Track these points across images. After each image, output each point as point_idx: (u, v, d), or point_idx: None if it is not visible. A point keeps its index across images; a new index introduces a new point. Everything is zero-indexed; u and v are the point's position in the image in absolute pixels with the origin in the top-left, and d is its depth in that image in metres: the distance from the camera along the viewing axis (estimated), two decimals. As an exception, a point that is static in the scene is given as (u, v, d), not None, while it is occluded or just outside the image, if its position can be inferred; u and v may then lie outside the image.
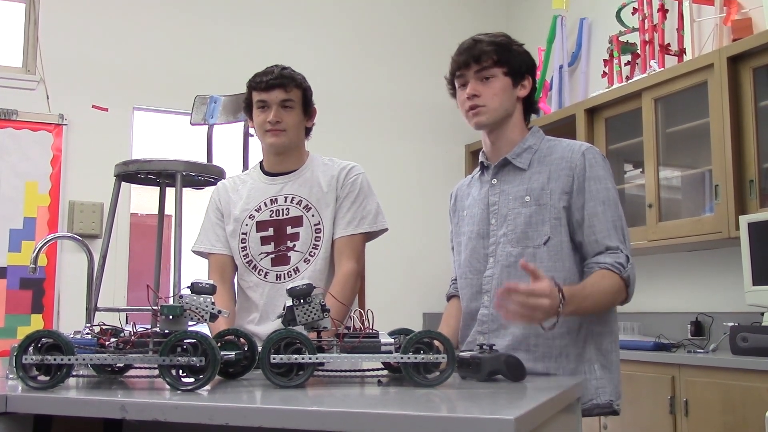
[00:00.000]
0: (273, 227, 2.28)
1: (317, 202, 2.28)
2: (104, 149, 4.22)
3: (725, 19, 3.60)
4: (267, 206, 2.31)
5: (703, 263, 3.77)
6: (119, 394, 1.32)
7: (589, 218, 1.82)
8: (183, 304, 1.41)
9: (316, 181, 2.30)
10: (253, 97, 2.28)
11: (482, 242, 1.93)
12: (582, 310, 1.72)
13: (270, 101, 2.24)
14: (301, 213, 2.28)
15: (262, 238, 2.28)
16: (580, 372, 1.81)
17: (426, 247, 4.98)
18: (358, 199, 2.29)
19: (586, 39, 4.71)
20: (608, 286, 1.76)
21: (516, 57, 1.90)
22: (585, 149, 1.87)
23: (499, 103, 1.88)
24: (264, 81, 2.24)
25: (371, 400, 1.31)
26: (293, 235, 2.26)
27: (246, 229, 2.30)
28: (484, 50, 1.86)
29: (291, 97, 2.25)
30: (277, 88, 2.23)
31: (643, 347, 3.34)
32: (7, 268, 4.03)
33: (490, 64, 1.87)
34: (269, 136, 2.26)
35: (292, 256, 2.26)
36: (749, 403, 2.74)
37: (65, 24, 4.35)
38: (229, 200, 2.36)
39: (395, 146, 5.09)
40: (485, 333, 1.87)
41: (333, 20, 5.06)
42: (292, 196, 2.30)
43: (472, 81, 1.88)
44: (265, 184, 2.34)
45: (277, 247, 2.27)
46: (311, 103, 2.33)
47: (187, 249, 2.51)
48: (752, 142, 3.22)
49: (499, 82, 1.88)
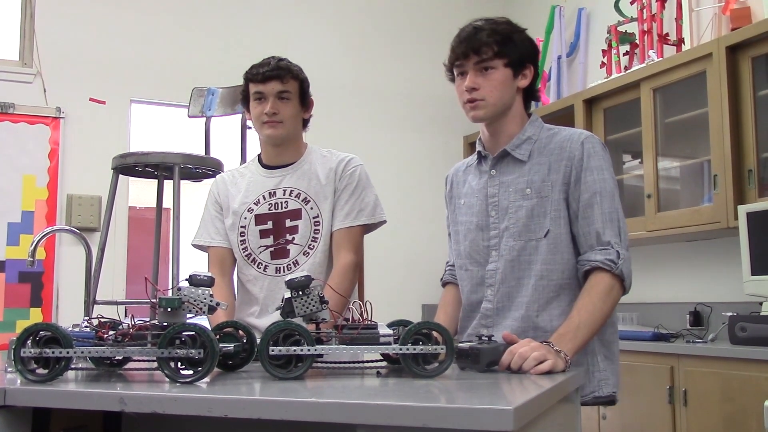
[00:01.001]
0: (272, 220, 2.28)
1: (315, 194, 2.28)
2: (102, 142, 4.22)
3: (724, 8, 3.59)
4: (266, 199, 2.30)
5: (702, 253, 3.78)
6: (118, 387, 1.32)
7: (584, 210, 1.80)
8: (181, 297, 1.41)
9: (315, 173, 2.30)
10: (250, 88, 2.27)
11: (482, 234, 1.91)
12: (583, 339, 1.69)
13: (267, 93, 2.23)
14: (300, 206, 2.27)
15: (261, 232, 2.28)
16: (582, 363, 1.80)
17: (424, 239, 4.98)
18: (357, 191, 2.28)
19: (584, 29, 4.70)
20: (598, 297, 1.72)
21: (518, 46, 1.85)
22: (584, 138, 1.85)
23: (499, 97, 1.84)
24: (260, 72, 2.23)
25: (370, 392, 1.31)
26: (292, 228, 2.26)
27: (245, 222, 2.30)
28: (484, 41, 1.81)
29: (288, 89, 2.24)
30: (274, 79, 2.22)
31: (642, 337, 3.35)
32: (6, 261, 4.03)
33: (490, 56, 1.82)
34: (266, 127, 2.25)
35: (291, 249, 2.26)
36: (748, 392, 2.75)
37: (62, 17, 4.34)
38: (228, 193, 2.36)
39: (393, 137, 5.09)
40: (489, 327, 1.87)
41: (331, 11, 5.04)
42: (290, 189, 2.29)
43: (471, 72, 1.83)
44: (264, 177, 2.34)
45: (276, 241, 2.27)
46: (308, 95, 2.33)
47: (186, 242, 2.51)
48: (751, 131, 3.22)
49: (499, 74, 1.83)
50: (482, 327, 1.88)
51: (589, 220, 1.80)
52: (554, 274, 1.81)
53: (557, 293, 1.81)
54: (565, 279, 1.82)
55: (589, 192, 1.80)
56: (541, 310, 1.81)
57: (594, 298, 1.73)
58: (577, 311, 1.72)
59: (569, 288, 1.82)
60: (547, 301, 1.81)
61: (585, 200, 1.80)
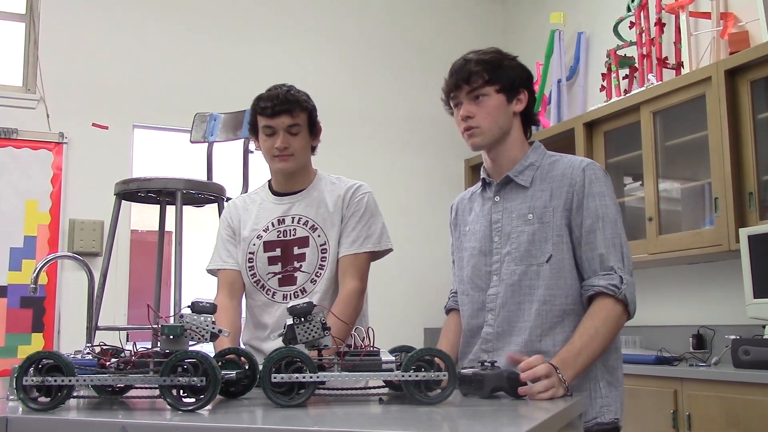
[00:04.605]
0: (280, 247, 2.29)
1: (323, 222, 2.28)
2: (104, 167, 4.24)
3: (722, 32, 3.62)
4: (274, 226, 2.31)
5: (704, 276, 3.77)
6: (120, 415, 1.31)
7: (586, 235, 1.81)
8: (183, 324, 1.41)
9: (323, 200, 2.31)
10: (259, 121, 2.27)
11: (484, 259, 1.92)
12: (584, 365, 1.70)
13: (276, 127, 2.23)
14: (308, 233, 2.28)
15: (269, 258, 2.29)
16: (584, 389, 1.80)
17: (426, 262, 4.98)
18: (363, 218, 2.29)
19: (584, 53, 4.73)
20: (600, 322, 1.73)
21: (508, 72, 1.88)
22: (585, 165, 1.86)
23: (493, 122, 1.86)
24: (269, 107, 2.22)
25: (373, 419, 1.30)
26: (299, 256, 2.27)
27: (253, 248, 2.31)
28: (472, 70, 1.85)
29: (297, 122, 2.24)
30: (283, 113, 2.22)
31: (645, 361, 3.33)
32: (8, 287, 4.03)
33: (480, 84, 1.85)
34: (277, 161, 2.27)
35: (298, 277, 2.27)
36: (752, 416, 2.73)
37: (65, 43, 4.37)
38: (240, 219, 2.37)
39: (395, 161, 5.11)
40: (489, 351, 1.86)
41: (331, 36, 5.08)
42: (299, 217, 2.30)
43: (465, 102, 1.87)
44: (273, 204, 2.35)
45: (284, 268, 2.28)
46: (317, 123, 2.33)
47: (187, 267, 2.51)
48: (751, 154, 3.23)
49: (493, 101, 1.86)
50: (483, 352, 1.88)
51: (591, 245, 1.80)
52: (558, 299, 1.81)
53: (561, 318, 1.81)
54: (569, 304, 1.82)
55: (591, 218, 1.81)
56: (545, 335, 1.81)
57: (596, 323, 1.73)
58: (578, 336, 1.72)
59: (574, 313, 1.81)
60: (551, 327, 1.81)
61: (587, 226, 1.81)
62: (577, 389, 1.76)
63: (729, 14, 3.65)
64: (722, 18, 3.67)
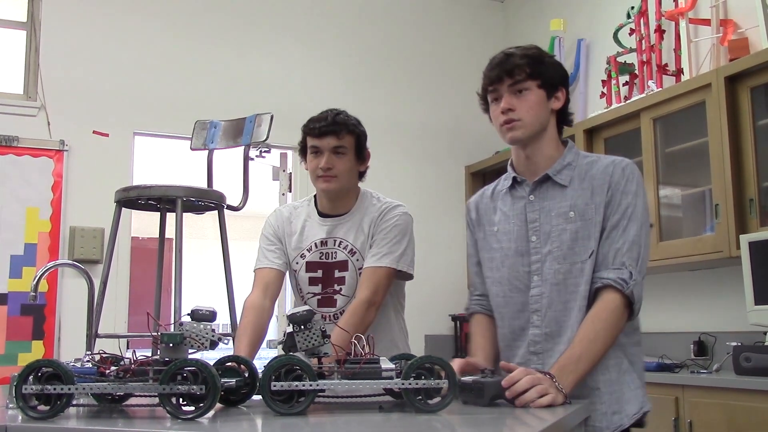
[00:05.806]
0: (322, 269, 2.35)
1: (361, 246, 2.34)
2: (105, 174, 4.24)
3: (722, 39, 3.62)
4: (317, 247, 2.37)
5: (705, 282, 3.77)
6: (119, 423, 1.31)
7: (610, 230, 1.81)
8: (183, 332, 1.41)
9: (362, 224, 2.36)
10: (307, 142, 2.34)
11: (521, 260, 1.89)
12: (584, 371, 1.70)
13: (322, 147, 2.29)
14: (347, 258, 2.35)
15: (310, 279, 2.36)
16: (622, 382, 1.80)
17: (427, 269, 4.94)
18: (389, 235, 2.33)
19: (584, 60, 4.73)
20: (602, 324, 1.73)
21: (549, 69, 1.88)
22: (625, 164, 1.88)
23: (535, 117, 1.86)
24: (317, 127, 2.29)
25: (373, 427, 1.30)
26: (339, 279, 2.33)
27: (296, 267, 2.38)
28: (517, 63, 1.84)
29: (343, 144, 2.29)
30: (330, 134, 2.28)
31: (646, 368, 3.30)
32: (8, 294, 4.03)
33: (523, 78, 1.84)
34: (321, 181, 2.32)
35: (338, 299, 2.33)
36: (754, 423, 2.72)
37: (66, 50, 4.38)
38: (284, 229, 2.43)
39: (395, 168, 5.10)
40: (539, 353, 1.84)
41: (333, 45, 5.09)
42: (339, 240, 2.36)
43: (506, 95, 1.85)
44: (318, 225, 2.40)
45: (324, 289, 2.34)
46: (365, 148, 2.39)
47: (188, 274, 2.52)
48: (751, 161, 3.23)
49: (534, 95, 1.85)
50: (532, 354, 1.85)
51: (611, 240, 1.80)
52: None
53: None
54: None
55: (619, 214, 1.81)
56: None
57: (597, 326, 1.73)
58: (579, 340, 1.72)
59: None
60: None
61: (614, 222, 1.81)
62: (613, 384, 1.78)
63: (729, 21, 3.66)
64: (722, 25, 3.67)
